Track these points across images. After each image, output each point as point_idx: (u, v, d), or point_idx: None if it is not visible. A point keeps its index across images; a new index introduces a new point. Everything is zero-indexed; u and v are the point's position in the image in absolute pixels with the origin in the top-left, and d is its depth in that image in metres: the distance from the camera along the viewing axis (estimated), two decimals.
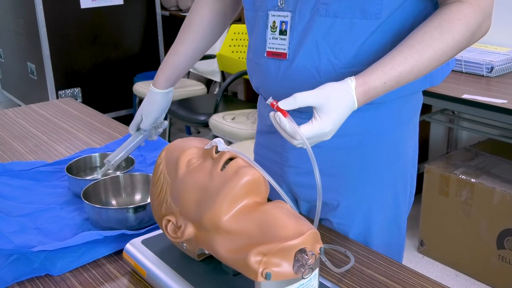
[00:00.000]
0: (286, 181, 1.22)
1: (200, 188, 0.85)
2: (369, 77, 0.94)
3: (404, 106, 1.13)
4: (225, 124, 3.00)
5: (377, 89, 0.95)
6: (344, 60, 1.03)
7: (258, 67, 1.15)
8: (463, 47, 0.99)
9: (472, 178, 2.42)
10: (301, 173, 1.18)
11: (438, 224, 2.60)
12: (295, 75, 1.07)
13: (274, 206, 0.81)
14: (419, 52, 0.95)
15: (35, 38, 3.82)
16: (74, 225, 1.18)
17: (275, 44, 1.10)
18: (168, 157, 0.95)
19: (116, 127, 1.80)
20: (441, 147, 3.18)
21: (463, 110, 2.40)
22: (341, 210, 1.17)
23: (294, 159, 1.18)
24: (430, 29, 0.96)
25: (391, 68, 0.95)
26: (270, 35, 1.10)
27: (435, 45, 0.95)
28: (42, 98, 3.91)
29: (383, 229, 1.20)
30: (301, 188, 1.20)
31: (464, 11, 0.95)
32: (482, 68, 2.50)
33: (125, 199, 1.28)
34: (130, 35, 4.14)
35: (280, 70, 1.09)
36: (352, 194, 1.16)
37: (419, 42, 0.95)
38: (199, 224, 0.85)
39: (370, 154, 1.13)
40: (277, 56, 1.09)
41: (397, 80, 0.96)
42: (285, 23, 1.07)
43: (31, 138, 1.72)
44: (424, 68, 0.97)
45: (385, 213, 1.19)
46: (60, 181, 1.41)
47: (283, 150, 1.19)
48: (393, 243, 1.23)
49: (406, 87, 1.05)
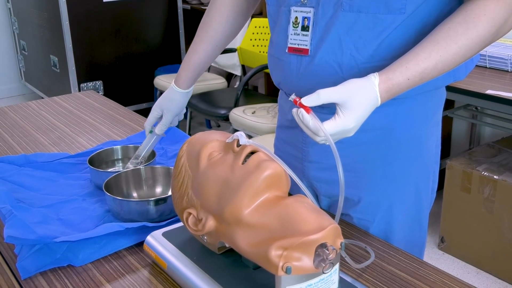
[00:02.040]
0: (306, 176, 1.21)
1: (221, 181, 0.86)
2: (393, 73, 0.94)
3: (427, 102, 1.12)
4: (246, 118, 3.00)
5: (400, 85, 0.94)
6: (367, 55, 1.02)
7: (279, 63, 1.14)
8: (488, 43, 0.98)
9: (495, 175, 2.38)
10: (322, 169, 1.17)
11: (459, 221, 2.57)
12: (317, 70, 1.06)
13: (295, 200, 0.81)
14: (443, 48, 0.94)
15: (58, 31, 3.86)
16: (96, 217, 1.19)
17: (296, 40, 1.09)
18: (190, 150, 0.95)
19: (137, 120, 1.81)
20: (463, 143, 3.14)
21: (487, 106, 2.37)
22: (362, 205, 1.16)
23: (314, 154, 1.17)
24: (455, 25, 0.94)
25: (415, 64, 0.94)
26: (292, 30, 1.09)
27: (460, 41, 0.94)
28: (65, 91, 3.95)
29: (405, 225, 1.19)
30: (322, 183, 1.20)
31: (490, 6, 0.94)
32: (507, 63, 2.46)
33: (146, 191, 1.29)
34: (151, 28, 4.16)
35: (301, 65, 1.09)
36: (374, 189, 1.15)
37: (443, 37, 0.94)
38: (220, 217, 0.85)
39: (392, 150, 1.12)
40: (299, 52, 1.09)
41: (421, 76, 0.95)
42: (308, 19, 1.06)
43: (54, 130, 1.74)
44: (448, 64, 0.95)
45: (406, 209, 1.18)
46: (82, 173, 1.42)
47: (304, 145, 1.18)
48: (414, 240, 1.22)
49: (429, 82, 1.04)
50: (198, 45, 1.32)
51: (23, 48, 4.82)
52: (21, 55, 4.95)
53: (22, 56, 4.93)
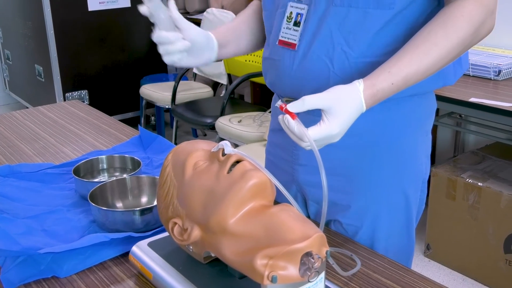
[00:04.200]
0: (296, 180, 1.22)
1: (206, 190, 0.85)
2: (376, 79, 0.95)
3: (416, 108, 1.13)
4: (232, 126, 3.00)
5: (385, 90, 0.96)
6: (358, 50, 1.04)
7: (273, 63, 1.16)
8: (468, 45, 0.99)
9: (479, 182, 2.41)
10: (312, 172, 1.18)
11: (444, 228, 2.59)
12: (309, 65, 1.08)
13: (280, 209, 0.81)
14: (424, 52, 0.96)
15: (43, 41, 3.84)
16: (81, 227, 1.18)
17: (287, 34, 1.12)
18: (175, 159, 0.95)
19: (123, 129, 1.81)
20: (448, 151, 3.17)
21: (470, 114, 2.39)
22: (351, 211, 1.17)
23: (304, 157, 1.18)
24: (435, 27, 0.96)
25: (398, 69, 0.95)
26: (285, 24, 1.12)
27: (441, 44, 0.96)
28: (50, 100, 3.93)
29: (393, 232, 1.19)
30: (311, 187, 1.20)
31: (467, 7, 0.96)
32: (490, 71, 2.49)
33: (132, 201, 1.28)
34: (137, 37, 4.16)
35: (294, 61, 1.10)
36: (363, 195, 1.16)
37: (423, 41, 0.96)
38: (206, 226, 0.85)
39: (381, 156, 1.13)
40: (287, 46, 1.11)
41: (404, 81, 0.96)
42: (301, 15, 1.09)
43: (38, 140, 1.73)
44: (430, 67, 0.97)
45: (395, 217, 1.18)
46: (67, 183, 1.41)
47: (294, 148, 1.19)
48: (402, 247, 1.22)
49: (419, 85, 1.06)
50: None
51: (8, 58, 4.79)
52: (5, 65, 4.92)
53: (6, 66, 4.90)
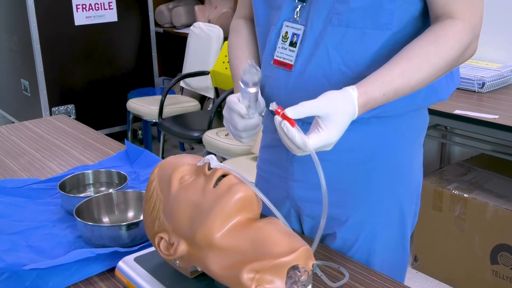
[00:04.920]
0: (290, 196, 1.21)
1: (192, 205, 0.85)
2: (370, 87, 0.96)
3: (411, 123, 1.14)
4: (219, 140, 3.00)
5: (376, 100, 0.96)
6: (356, 70, 1.04)
7: (268, 80, 1.15)
8: (454, 65, 1.01)
9: (465, 193, 2.42)
10: (307, 188, 1.17)
11: (432, 239, 2.60)
12: (305, 85, 1.07)
13: (266, 222, 0.81)
14: (416, 66, 0.97)
15: (29, 55, 3.82)
16: (67, 243, 1.17)
17: (283, 54, 1.11)
18: (161, 174, 0.95)
19: (110, 143, 1.80)
20: (434, 162, 3.19)
21: (456, 126, 2.41)
22: (348, 225, 1.17)
23: (299, 173, 1.17)
24: (426, 44, 0.98)
25: (390, 80, 0.96)
26: (281, 44, 1.11)
27: (432, 60, 0.97)
28: (36, 115, 3.91)
29: (388, 246, 1.19)
30: (306, 203, 1.20)
31: (457, 27, 0.98)
32: (474, 83, 2.51)
33: (118, 216, 1.28)
34: (124, 52, 4.16)
35: (290, 81, 1.10)
36: (359, 209, 1.15)
37: (416, 55, 0.97)
38: (192, 241, 0.85)
39: (377, 170, 1.13)
40: (283, 66, 1.10)
41: (395, 92, 0.97)
42: (297, 35, 1.08)
43: (24, 155, 1.72)
44: (420, 82, 0.98)
45: (391, 230, 1.18)
46: (52, 198, 1.40)
47: (289, 164, 1.18)
48: (396, 261, 1.22)
49: (414, 101, 1.07)
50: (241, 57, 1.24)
51: None
52: None
53: None
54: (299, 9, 1.08)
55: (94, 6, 3.91)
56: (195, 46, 3.92)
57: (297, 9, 1.08)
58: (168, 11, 4.65)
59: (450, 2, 0.99)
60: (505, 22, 2.71)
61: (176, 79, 3.75)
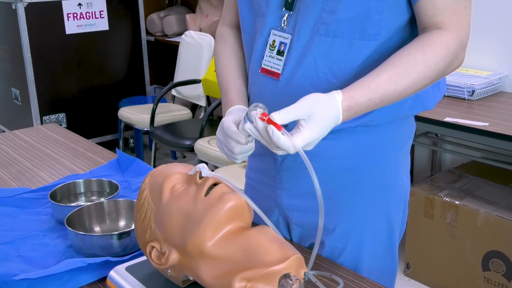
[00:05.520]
0: (279, 204, 1.21)
1: (184, 214, 0.85)
2: (355, 92, 0.96)
3: (397, 131, 1.15)
4: (211, 148, 3.00)
5: (362, 105, 0.97)
6: (342, 80, 1.04)
7: (254, 88, 1.15)
8: (441, 74, 1.02)
9: (456, 200, 2.43)
10: (295, 196, 1.18)
11: (423, 247, 2.61)
12: (292, 94, 1.07)
13: (258, 231, 0.82)
14: (403, 73, 0.97)
15: (20, 64, 3.81)
16: (58, 253, 1.17)
17: (270, 63, 1.11)
18: (152, 183, 0.95)
19: (101, 152, 1.80)
20: (425, 170, 3.20)
21: (446, 133, 2.43)
22: (336, 233, 1.17)
23: (287, 181, 1.18)
24: (413, 52, 0.98)
25: (376, 86, 0.97)
26: (268, 52, 1.11)
27: (419, 67, 0.98)
28: (26, 124, 3.89)
29: (376, 254, 1.19)
30: (294, 211, 1.20)
31: (445, 37, 0.99)
32: (464, 91, 2.53)
33: (109, 225, 1.27)
34: (115, 60, 4.15)
35: (277, 89, 1.10)
36: (346, 218, 1.16)
37: (403, 62, 0.98)
38: (183, 250, 0.85)
39: (364, 178, 1.13)
40: (270, 74, 1.10)
41: (381, 98, 0.98)
42: (284, 44, 1.08)
43: (14, 164, 1.71)
44: (406, 89, 0.99)
45: (378, 238, 1.19)
46: (43, 207, 1.40)
47: (277, 173, 1.19)
48: (385, 269, 1.22)
49: (400, 110, 1.07)
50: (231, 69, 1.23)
51: None
52: None
53: None
54: (286, 17, 1.08)
55: (85, 15, 3.91)
56: (186, 55, 3.92)
57: (284, 18, 1.09)
58: (159, 20, 4.65)
59: (438, 13, 0.99)
60: (494, 30, 2.74)
61: (167, 88, 3.75)
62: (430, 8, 0.99)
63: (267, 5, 1.11)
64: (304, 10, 1.05)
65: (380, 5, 1.00)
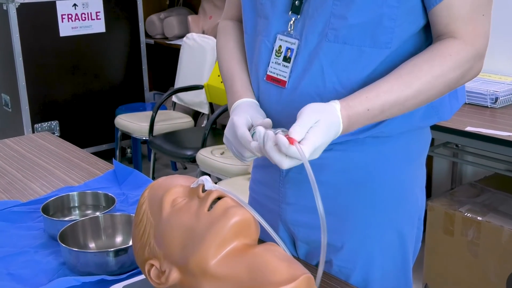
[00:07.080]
0: (283, 219, 1.21)
1: (185, 229, 0.86)
2: (352, 101, 0.98)
3: (411, 142, 1.15)
4: (214, 159, 3.00)
5: (360, 115, 0.98)
6: (350, 89, 1.04)
7: (259, 95, 1.15)
8: (453, 85, 1.03)
9: (478, 216, 2.42)
10: (300, 211, 1.18)
11: (443, 266, 2.59)
12: (297, 103, 1.07)
13: (265, 248, 0.82)
14: (406, 83, 0.98)
15: (10, 68, 3.84)
16: (50, 270, 1.17)
17: (276, 70, 1.11)
18: (152, 196, 0.95)
19: (96, 163, 1.80)
20: (444, 183, 3.19)
21: (467, 144, 2.42)
22: (345, 251, 1.17)
23: (292, 195, 1.18)
24: (420, 62, 1.00)
25: (375, 95, 0.98)
26: (274, 59, 1.11)
27: (423, 78, 0.99)
28: (17, 132, 3.91)
29: (388, 274, 1.19)
30: (300, 227, 1.20)
31: (457, 47, 1.00)
32: (486, 98, 2.53)
33: (105, 241, 1.28)
34: (112, 64, 4.17)
35: (282, 97, 1.10)
36: (355, 234, 1.16)
37: (407, 73, 0.99)
38: (185, 268, 0.85)
39: (374, 193, 1.14)
40: (276, 82, 1.11)
41: (381, 109, 0.98)
42: (291, 50, 1.09)
43: (4, 175, 1.72)
44: (409, 99, 1.00)
45: (389, 257, 1.18)
46: (35, 222, 1.40)
47: (281, 186, 1.19)
48: None
49: (411, 121, 1.08)
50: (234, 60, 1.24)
51: None
52: None
53: None
54: (293, 21, 1.09)
55: (81, 16, 3.94)
56: (188, 59, 3.94)
57: (290, 22, 1.09)
58: (159, 22, 4.68)
59: (453, 21, 1.00)
60: None
61: (168, 94, 3.76)
62: (445, 15, 1.00)
63: (272, 7, 1.11)
64: (312, 14, 1.05)
65: (394, 12, 1.00)
